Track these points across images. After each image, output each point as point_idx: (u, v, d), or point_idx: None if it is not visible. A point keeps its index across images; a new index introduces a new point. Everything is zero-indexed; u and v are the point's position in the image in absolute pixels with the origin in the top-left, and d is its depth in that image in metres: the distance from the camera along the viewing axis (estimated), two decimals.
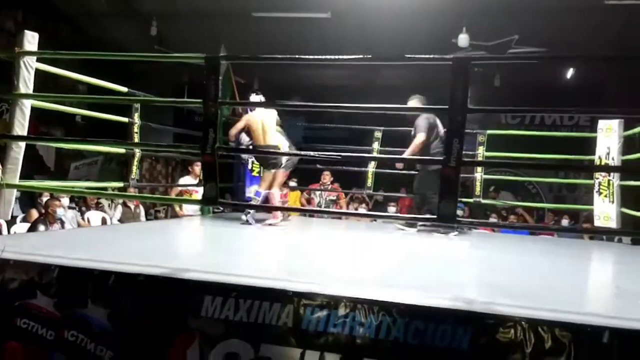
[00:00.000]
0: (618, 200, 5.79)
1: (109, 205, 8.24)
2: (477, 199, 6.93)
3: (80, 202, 8.11)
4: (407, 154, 5.53)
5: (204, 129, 3.19)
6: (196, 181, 6.78)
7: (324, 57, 3.30)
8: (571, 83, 10.10)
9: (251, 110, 5.82)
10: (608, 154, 5.89)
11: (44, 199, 7.11)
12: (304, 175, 8.67)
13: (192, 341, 2.76)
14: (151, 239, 4.60)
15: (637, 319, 2.41)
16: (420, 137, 5.66)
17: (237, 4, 8.30)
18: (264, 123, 5.65)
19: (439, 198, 2.99)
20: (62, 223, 6.89)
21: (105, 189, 5.85)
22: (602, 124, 6.05)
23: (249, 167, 6.60)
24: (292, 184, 8.72)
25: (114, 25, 9.69)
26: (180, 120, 10.76)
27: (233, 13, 8.44)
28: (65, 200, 7.51)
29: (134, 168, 5.42)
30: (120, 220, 7.87)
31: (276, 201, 5.87)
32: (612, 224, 5.78)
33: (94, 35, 9.89)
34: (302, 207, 7.98)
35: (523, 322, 2.42)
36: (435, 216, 3.08)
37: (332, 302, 2.64)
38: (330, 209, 7.44)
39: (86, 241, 4.29)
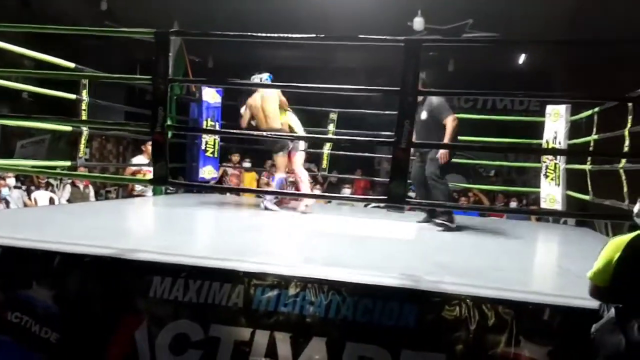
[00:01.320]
0: (564, 183, 5.98)
1: (57, 186, 8.02)
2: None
3: (27, 182, 7.86)
4: (447, 139, 4.78)
5: (154, 107, 3.13)
6: (148, 161, 6.65)
7: (276, 35, 3.27)
8: (523, 68, 10.32)
9: (248, 97, 5.76)
10: (555, 138, 6.07)
11: None
12: (260, 156, 8.62)
13: (140, 322, 2.73)
14: (99, 219, 4.50)
15: (576, 296, 2.50)
16: (453, 120, 4.88)
17: None
18: (263, 107, 5.59)
19: (390, 179, 3.02)
20: (7, 203, 6.68)
21: (52, 168, 5.68)
22: (549, 109, 6.22)
23: (203, 147, 6.50)
24: (247, 164, 8.66)
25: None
26: (132, 98, 10.51)
27: None
28: (11, 180, 7.27)
29: (82, 147, 5.27)
30: (69, 201, 7.67)
31: (306, 187, 5.82)
32: (558, 206, 5.98)
33: (41, 9, 9.49)
34: (258, 189, 7.94)
35: (468, 300, 2.49)
36: (386, 197, 3.11)
37: (282, 282, 2.65)
38: (289, 190, 7.41)
39: (31, 221, 4.17)
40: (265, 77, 5.68)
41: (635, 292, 2.00)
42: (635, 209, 2.19)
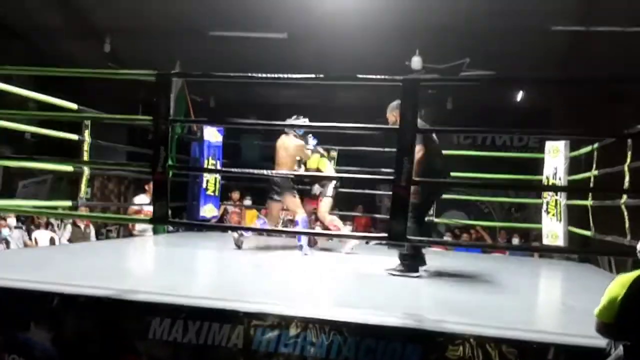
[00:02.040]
0: (565, 219, 5.96)
1: (57, 225, 8.01)
2: (431, 218, 7.02)
3: (28, 222, 7.85)
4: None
5: (155, 147, 3.15)
6: (150, 200, 6.66)
7: (277, 75, 3.32)
8: (521, 105, 10.42)
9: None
10: (555, 174, 6.08)
11: None
12: (261, 194, 8.62)
13: None
14: (99, 259, 4.48)
15: (581, 334, 2.47)
16: (419, 150, 3.93)
17: (194, 22, 8.28)
18: (279, 151, 5.52)
19: (390, 217, 3.01)
20: (7, 243, 6.66)
21: (53, 208, 5.68)
22: (549, 145, 6.24)
23: (204, 185, 6.52)
24: (247, 202, 8.66)
25: (68, 42, 9.51)
26: (134, 138, 10.59)
27: (190, 31, 8.41)
28: (12, 220, 7.26)
29: (83, 187, 5.29)
30: (70, 240, 7.65)
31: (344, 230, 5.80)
32: (560, 242, 5.94)
33: (48, 52, 9.68)
34: (260, 228, 7.91)
35: (471, 339, 2.45)
36: (387, 235, 3.11)
37: (283, 322, 2.62)
38: (289, 229, 7.38)
39: (31, 262, 4.15)
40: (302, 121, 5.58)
41: None
42: (639, 246, 2.19)
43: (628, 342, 2.01)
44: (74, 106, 5.03)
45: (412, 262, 4.20)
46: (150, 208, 6.48)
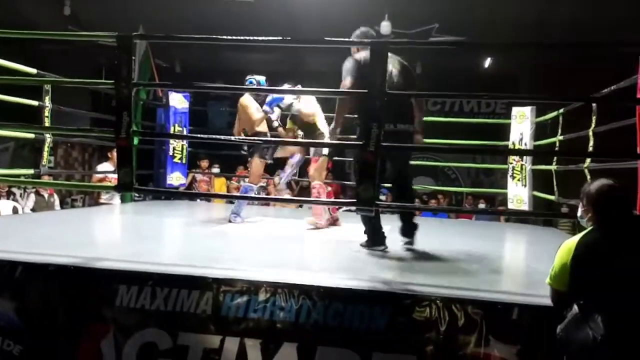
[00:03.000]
0: (530, 184, 6.07)
1: (20, 195, 7.81)
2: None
3: None
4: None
5: (117, 112, 3.07)
6: (114, 168, 6.52)
7: (243, 37, 3.24)
8: (489, 71, 10.46)
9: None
10: (521, 139, 6.16)
11: None
12: (228, 161, 8.55)
13: (106, 332, 2.67)
14: (64, 228, 4.40)
15: (544, 295, 2.52)
16: (342, 87, 3.64)
17: None
18: (239, 110, 5.25)
19: (357, 182, 3.01)
20: None
21: (15, 176, 5.53)
22: (515, 110, 6.31)
23: (170, 153, 6.41)
24: (216, 170, 8.58)
25: (24, 3, 9.12)
26: (98, 104, 10.32)
27: None
28: None
29: (46, 154, 5.14)
30: (33, 210, 7.47)
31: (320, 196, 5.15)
32: (525, 206, 6.06)
33: (2, 14, 9.28)
34: (228, 194, 7.87)
35: (438, 301, 2.49)
36: (354, 200, 3.11)
37: (252, 288, 2.62)
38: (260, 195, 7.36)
39: None
40: (258, 79, 5.27)
41: (595, 287, 2.05)
42: (579, 213, 2.26)
43: (581, 302, 2.07)
44: (33, 70, 4.86)
45: (376, 236, 3.92)
46: (115, 176, 6.41)
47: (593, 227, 2.17)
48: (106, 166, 6.90)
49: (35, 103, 5.07)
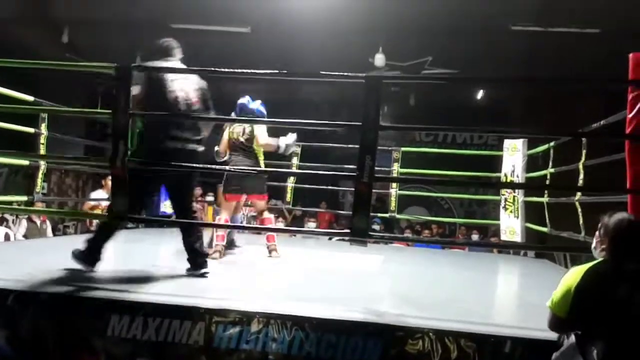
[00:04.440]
0: (522, 215, 6.11)
1: (12, 221, 7.76)
2: (392, 214, 7.11)
3: None
4: None
5: (114, 141, 3.09)
6: (108, 195, 6.51)
7: (239, 70, 3.30)
8: (482, 104, 10.61)
9: None
10: (513, 171, 6.22)
11: None
12: None
13: None
14: (56, 256, 4.36)
15: (537, 328, 2.54)
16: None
17: (155, 14, 8.11)
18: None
19: (352, 213, 3.03)
20: None
21: (7, 203, 5.51)
22: (507, 143, 6.39)
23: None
24: (210, 198, 8.58)
25: (23, 31, 9.21)
26: (92, 132, 10.36)
27: (151, 23, 8.24)
28: None
29: (39, 181, 5.14)
30: (25, 237, 7.42)
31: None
32: (517, 238, 6.09)
33: (0, 41, 9.36)
34: (221, 224, 7.84)
35: (430, 334, 2.50)
36: (348, 231, 3.12)
37: (244, 318, 2.61)
38: (251, 225, 7.36)
39: None
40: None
41: (594, 318, 2.04)
42: (593, 244, 2.26)
43: (579, 332, 2.08)
44: (30, 98, 4.89)
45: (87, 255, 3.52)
46: (107, 203, 6.39)
47: (605, 259, 2.16)
48: (100, 193, 6.89)
49: (31, 130, 5.09)
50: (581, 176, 4.75)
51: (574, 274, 2.13)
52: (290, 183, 7.33)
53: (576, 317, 2.09)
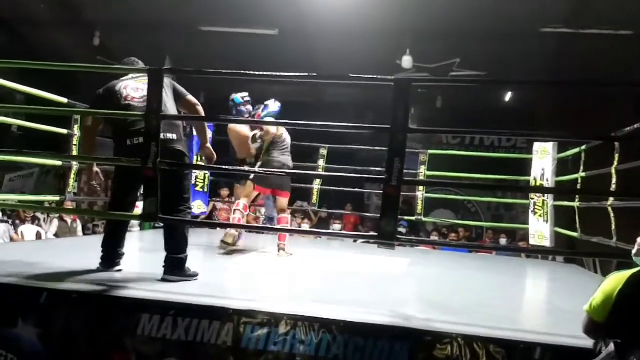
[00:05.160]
0: (552, 220, 6.02)
1: (44, 220, 7.94)
2: (419, 217, 7.08)
3: (14, 216, 7.77)
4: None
5: (146, 142, 3.14)
6: None
7: (268, 73, 3.32)
8: (510, 105, 10.48)
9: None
10: (543, 175, 6.13)
11: None
12: None
13: None
14: (87, 255, 4.44)
15: (567, 334, 2.50)
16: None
17: (184, 16, 8.22)
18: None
19: (380, 216, 3.02)
20: None
21: (40, 202, 5.63)
22: (537, 146, 6.30)
23: (193, 181, 6.49)
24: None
25: (55, 34, 9.40)
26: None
27: (180, 26, 8.35)
28: None
29: (71, 181, 5.25)
30: (56, 235, 7.58)
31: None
32: (546, 242, 6.00)
33: (34, 44, 9.56)
34: (249, 225, 7.90)
35: (459, 339, 2.48)
36: (376, 234, 3.12)
37: (272, 320, 2.63)
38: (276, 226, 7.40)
39: (18, 257, 4.11)
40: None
41: (635, 327, 2.00)
42: (634, 250, 2.22)
43: (619, 340, 2.03)
44: (64, 100, 4.99)
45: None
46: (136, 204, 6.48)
47: None
48: None
49: (64, 131, 5.20)
50: (614, 180, 4.66)
51: (616, 279, 2.09)
52: (317, 185, 7.34)
53: (615, 323, 2.05)
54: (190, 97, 3.58)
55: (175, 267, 3.41)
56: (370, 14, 7.49)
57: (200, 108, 3.59)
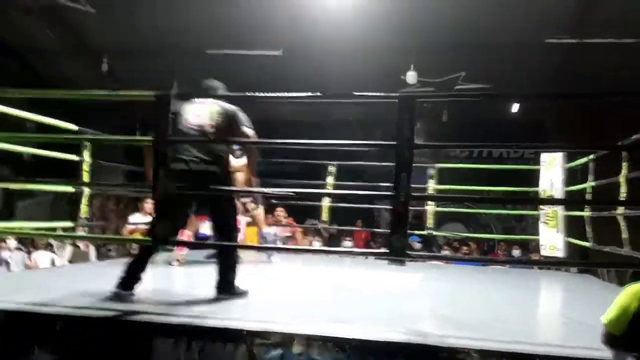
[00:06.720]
0: (564, 230, 5.98)
1: (57, 246, 8.00)
2: (430, 231, 7.06)
3: (28, 243, 7.84)
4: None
5: (155, 167, 3.17)
6: (146, 218, 6.64)
7: (275, 94, 3.37)
8: (516, 117, 10.49)
9: None
10: (552, 185, 6.11)
11: None
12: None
13: None
14: (99, 281, 4.47)
15: (582, 346, 2.48)
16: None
17: (190, 40, 8.34)
18: None
19: (390, 233, 3.02)
20: (8, 265, 6.65)
21: (53, 229, 5.68)
22: (545, 157, 6.29)
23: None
24: (247, 219, 8.65)
25: (64, 61, 9.57)
26: (131, 155, 10.60)
27: (186, 49, 8.47)
28: (12, 242, 7.26)
29: (83, 207, 5.29)
30: (70, 261, 7.64)
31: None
32: (559, 253, 5.96)
33: (44, 72, 9.73)
34: (260, 246, 7.92)
35: (474, 354, 2.46)
36: (386, 250, 3.12)
37: (286, 340, 2.62)
38: (287, 246, 7.40)
39: (32, 284, 4.15)
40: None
41: None
42: None
43: (637, 354, 2.01)
44: (74, 127, 5.06)
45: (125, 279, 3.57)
46: (145, 227, 6.52)
47: None
48: (137, 217, 7.05)
49: (75, 158, 5.26)
50: (623, 189, 4.64)
51: (634, 292, 2.05)
52: (326, 202, 7.35)
53: (633, 337, 2.01)
54: (245, 129, 3.69)
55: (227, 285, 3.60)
56: (374, 31, 7.57)
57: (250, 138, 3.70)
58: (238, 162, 4.92)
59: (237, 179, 4.79)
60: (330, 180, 7.31)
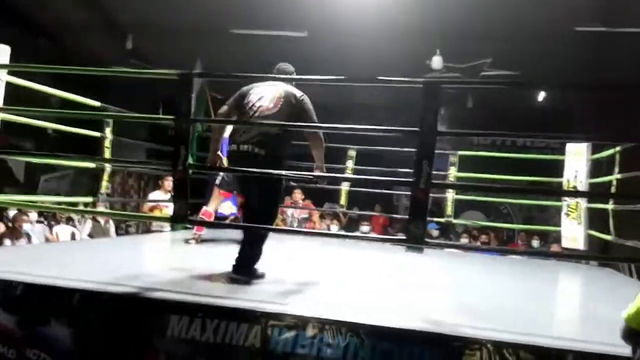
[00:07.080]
0: (586, 222, 5.88)
1: (79, 220, 8.11)
2: (449, 219, 7.00)
3: (49, 216, 7.97)
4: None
5: (175, 146, 3.18)
6: (166, 196, 6.70)
7: (298, 76, 3.33)
8: (543, 106, 10.31)
9: None
10: (576, 176, 6.00)
11: (11, 212, 6.97)
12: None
13: None
14: (119, 256, 4.53)
15: (600, 341, 2.45)
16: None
17: (215, 19, 8.32)
18: None
19: (408, 219, 3.00)
20: (29, 237, 6.76)
21: (74, 204, 5.76)
22: (570, 147, 6.17)
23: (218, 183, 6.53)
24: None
25: (91, 38, 9.63)
26: (155, 133, 10.68)
27: (210, 29, 8.45)
28: (34, 215, 7.37)
29: (104, 183, 5.35)
30: (90, 235, 7.74)
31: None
32: (580, 245, 5.87)
33: (71, 49, 9.81)
34: (275, 227, 7.93)
35: (489, 345, 2.44)
36: (405, 237, 3.10)
37: (300, 323, 2.63)
38: (303, 228, 7.40)
39: (52, 257, 4.21)
40: None
41: None
42: None
43: None
44: (97, 104, 5.10)
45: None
46: (165, 204, 6.58)
47: None
48: (157, 194, 7.11)
49: (97, 134, 5.31)
50: None
51: None
52: (345, 186, 7.33)
53: None
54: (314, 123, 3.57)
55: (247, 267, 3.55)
56: (399, 14, 7.46)
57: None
58: None
59: None
60: (350, 164, 7.27)
